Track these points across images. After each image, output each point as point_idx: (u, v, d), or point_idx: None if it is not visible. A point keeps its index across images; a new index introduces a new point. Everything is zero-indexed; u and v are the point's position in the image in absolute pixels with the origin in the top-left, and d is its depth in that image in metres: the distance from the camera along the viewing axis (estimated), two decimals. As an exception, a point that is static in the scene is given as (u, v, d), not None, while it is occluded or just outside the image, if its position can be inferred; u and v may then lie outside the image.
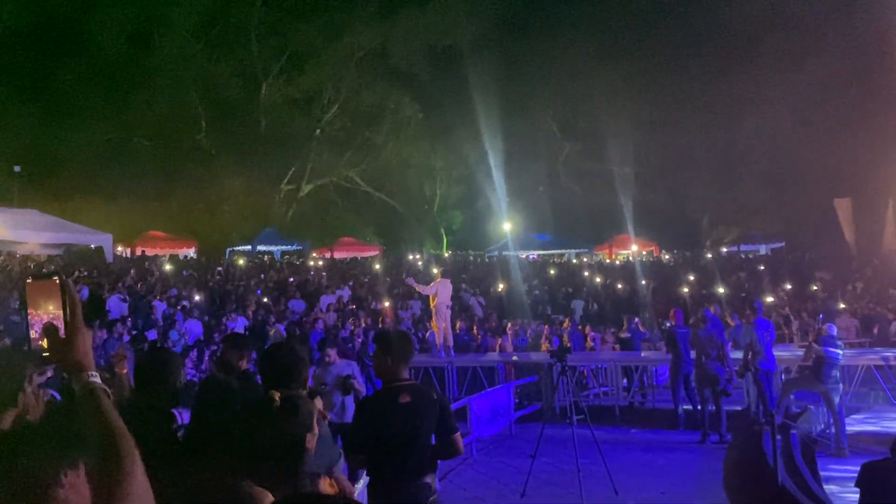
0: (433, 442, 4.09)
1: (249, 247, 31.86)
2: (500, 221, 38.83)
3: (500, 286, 26.99)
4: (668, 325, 13.62)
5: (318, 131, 37.34)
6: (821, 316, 14.89)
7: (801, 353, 11.81)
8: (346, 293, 21.49)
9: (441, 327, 14.04)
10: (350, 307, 19.64)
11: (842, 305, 18.86)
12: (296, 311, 17.83)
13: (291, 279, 23.34)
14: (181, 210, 35.05)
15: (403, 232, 40.07)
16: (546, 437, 10.22)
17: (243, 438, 2.29)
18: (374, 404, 4.16)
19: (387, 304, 20.62)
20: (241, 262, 26.83)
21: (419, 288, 14.64)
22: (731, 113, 36.01)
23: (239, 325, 15.39)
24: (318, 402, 4.22)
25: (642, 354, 15.61)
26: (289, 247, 33.21)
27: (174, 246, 31.24)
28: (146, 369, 3.41)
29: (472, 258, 38.35)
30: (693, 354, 11.15)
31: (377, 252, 34.87)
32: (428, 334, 15.59)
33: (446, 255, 38.77)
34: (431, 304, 14.34)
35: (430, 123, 38.67)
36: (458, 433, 4.08)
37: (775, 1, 31.00)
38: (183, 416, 3.56)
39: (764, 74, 33.25)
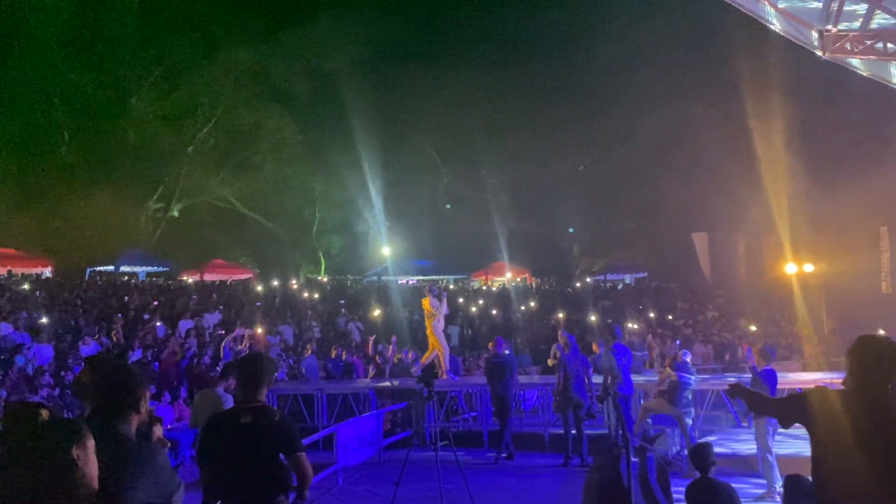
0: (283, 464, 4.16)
1: (112, 267, 30.18)
2: (379, 246, 38.74)
3: (379, 311, 26.90)
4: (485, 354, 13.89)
5: (190, 148, 35.94)
6: (677, 342, 15.71)
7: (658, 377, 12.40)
8: (215, 318, 20.73)
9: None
10: (219, 332, 18.94)
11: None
12: (157, 336, 17.01)
13: (157, 302, 22.28)
14: (38, 227, 32.71)
15: (280, 255, 39.10)
16: (414, 463, 10.18)
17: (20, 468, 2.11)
18: (216, 424, 4.25)
19: (259, 329, 20.04)
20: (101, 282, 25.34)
21: (441, 310, 14.02)
22: (601, 149, 37.93)
23: (92, 349, 14.50)
24: (158, 430, 4.03)
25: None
26: (155, 268, 31.72)
27: (28, 264, 29.04)
28: None
29: (350, 283, 38.03)
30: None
31: (250, 275, 33.91)
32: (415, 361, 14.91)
33: (324, 279, 38.24)
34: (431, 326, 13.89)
35: (310, 146, 38.17)
36: (302, 453, 4.10)
37: (643, 45, 32.88)
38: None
39: (631, 114, 35.21)
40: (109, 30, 34.63)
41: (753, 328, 22.26)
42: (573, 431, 10.73)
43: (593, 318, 22.91)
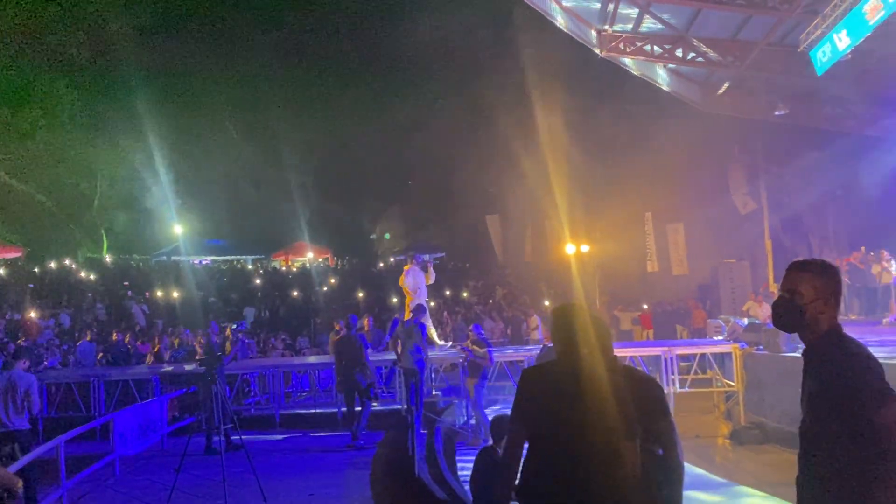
0: None
1: None
2: (170, 224, 36.48)
3: (168, 293, 25.59)
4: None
5: (-54, 110, 31.46)
6: (475, 326, 16.39)
7: (453, 352, 12.95)
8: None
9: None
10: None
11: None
12: None
13: None
14: None
15: (53, 232, 35.36)
16: (199, 449, 9.87)
17: None
18: None
19: (32, 314, 18.37)
20: None
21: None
22: (402, 134, 38.59)
23: None
24: None
25: (308, 360, 15.90)
26: None
27: None
28: None
29: (136, 263, 35.64)
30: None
31: (18, 254, 30.63)
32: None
33: (106, 258, 35.47)
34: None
35: (92, 114, 34.75)
36: None
37: (440, 34, 33.63)
38: None
39: (430, 101, 36.18)
40: None
41: (547, 303, 23.90)
42: (358, 409, 10.83)
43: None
